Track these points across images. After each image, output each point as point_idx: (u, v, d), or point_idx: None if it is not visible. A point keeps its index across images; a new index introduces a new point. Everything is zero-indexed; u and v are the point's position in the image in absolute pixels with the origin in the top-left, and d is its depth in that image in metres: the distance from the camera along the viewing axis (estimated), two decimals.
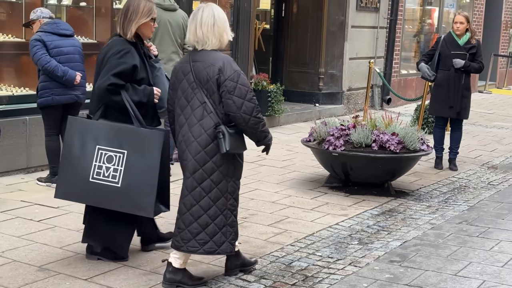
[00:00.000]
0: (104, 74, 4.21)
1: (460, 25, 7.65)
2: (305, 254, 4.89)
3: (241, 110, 3.97)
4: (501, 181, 7.47)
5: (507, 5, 17.32)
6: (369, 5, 11.71)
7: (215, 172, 4.03)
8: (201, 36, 4.03)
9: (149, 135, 4.21)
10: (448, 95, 7.66)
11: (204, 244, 4.06)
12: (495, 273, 4.64)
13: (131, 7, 4.32)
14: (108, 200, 4.24)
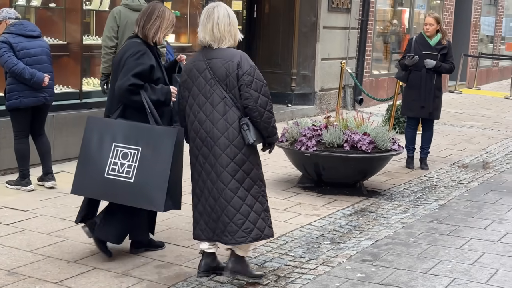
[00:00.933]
0: (124, 75, 4.36)
1: (430, 26, 7.72)
2: (277, 255, 4.90)
3: (258, 103, 4.13)
4: (471, 179, 7.55)
5: (476, 6, 17.53)
6: (340, 6, 11.77)
7: (246, 163, 4.18)
8: (218, 35, 4.16)
9: (162, 132, 4.33)
10: (420, 95, 7.72)
11: (251, 232, 4.19)
12: (465, 270, 4.69)
13: (156, 12, 4.51)
14: (121, 195, 4.35)
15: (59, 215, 5.55)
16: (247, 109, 4.15)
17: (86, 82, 7.96)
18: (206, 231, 4.27)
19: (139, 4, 6.83)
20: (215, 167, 4.17)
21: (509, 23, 20.68)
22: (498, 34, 19.61)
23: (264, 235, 4.25)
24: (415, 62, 7.62)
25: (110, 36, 6.71)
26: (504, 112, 13.44)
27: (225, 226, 4.17)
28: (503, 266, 4.79)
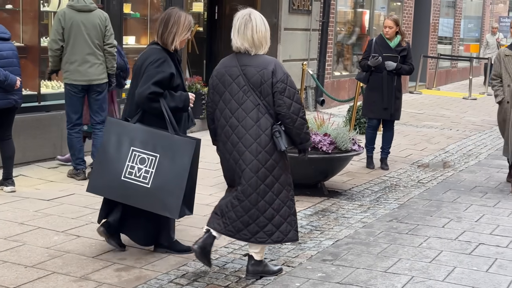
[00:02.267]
0: (144, 83, 4.46)
1: (389, 29, 7.81)
2: (239, 256, 4.90)
3: (290, 110, 4.26)
4: (430, 179, 7.66)
5: (435, 8, 17.79)
6: (301, 8, 11.83)
7: (276, 168, 4.32)
8: (258, 42, 4.27)
9: (182, 142, 4.46)
10: (382, 97, 7.80)
11: (272, 235, 4.35)
12: (423, 268, 4.75)
13: (172, 19, 4.58)
14: (136, 199, 4.47)
15: (17, 219, 5.47)
16: (280, 115, 4.28)
17: (44, 84, 7.86)
18: (228, 227, 4.37)
19: (84, 4, 6.76)
20: (245, 172, 4.28)
21: (467, 24, 21.04)
22: (457, 36, 19.93)
23: (287, 238, 4.41)
24: (378, 63, 7.69)
25: (55, 39, 6.68)
26: (462, 112, 13.66)
27: (246, 226, 4.33)
28: (460, 263, 4.87)
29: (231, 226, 4.37)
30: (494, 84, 7.19)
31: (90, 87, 6.83)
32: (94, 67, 6.79)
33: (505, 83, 7.05)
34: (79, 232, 5.21)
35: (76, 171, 6.86)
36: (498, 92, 7.10)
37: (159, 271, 4.51)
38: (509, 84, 7.00)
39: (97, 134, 6.96)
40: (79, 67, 6.73)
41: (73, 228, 5.31)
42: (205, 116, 9.76)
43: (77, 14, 6.71)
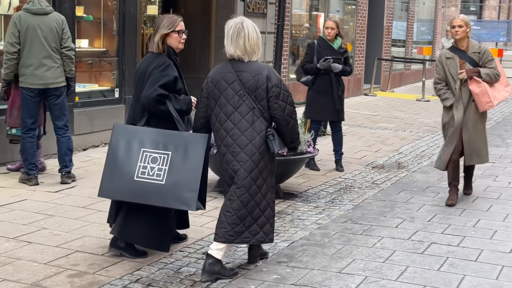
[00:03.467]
0: (151, 86, 4.61)
1: (331, 30, 7.88)
2: (194, 259, 4.89)
3: (285, 113, 4.48)
4: (384, 180, 7.76)
5: (388, 11, 18.03)
6: (256, 11, 11.86)
7: (265, 170, 4.51)
8: (250, 50, 4.47)
9: (194, 137, 4.62)
10: (333, 99, 7.86)
11: (256, 234, 4.52)
12: (377, 268, 4.81)
13: (157, 23, 4.82)
14: (152, 197, 4.55)
15: None
16: (275, 119, 4.49)
17: None
18: (229, 233, 4.47)
19: (40, 7, 6.67)
20: (239, 172, 4.44)
21: (420, 27, 21.37)
22: (410, 38, 20.22)
23: (268, 239, 4.60)
24: (328, 66, 7.74)
25: (12, 42, 6.58)
26: (416, 114, 13.87)
27: (233, 227, 4.45)
28: (412, 263, 4.94)
29: (232, 231, 4.48)
30: (439, 88, 6.66)
31: (47, 91, 6.74)
32: (51, 71, 6.70)
33: (452, 86, 6.58)
34: (30, 239, 5.13)
35: (28, 176, 6.75)
36: (447, 95, 6.61)
37: (113, 276, 4.47)
38: (455, 87, 6.57)
39: (60, 140, 6.87)
40: (35, 71, 6.64)
41: (24, 234, 5.22)
42: None
43: (33, 17, 6.62)
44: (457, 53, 6.58)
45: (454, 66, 6.55)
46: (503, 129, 12.11)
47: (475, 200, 6.84)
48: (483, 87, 6.47)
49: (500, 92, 6.63)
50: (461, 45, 6.57)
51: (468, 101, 6.53)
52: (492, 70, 6.53)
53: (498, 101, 6.57)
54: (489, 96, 6.49)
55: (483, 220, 6.12)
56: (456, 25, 6.51)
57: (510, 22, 30.02)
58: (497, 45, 28.70)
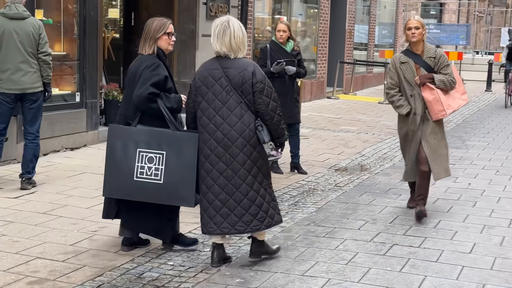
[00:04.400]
0: (142, 85, 4.76)
1: (283, 33, 7.91)
2: (156, 264, 4.86)
3: (269, 108, 4.68)
4: (347, 182, 7.81)
5: (350, 15, 18.18)
6: (218, 15, 11.83)
7: (259, 159, 4.73)
8: (235, 47, 4.68)
9: (185, 137, 4.78)
10: (291, 102, 7.88)
11: (264, 220, 4.76)
12: (340, 270, 4.83)
13: (146, 27, 4.96)
14: (152, 195, 4.78)
15: None
16: (259, 113, 4.69)
17: None
18: (222, 225, 4.68)
19: (16, 12, 6.60)
20: (232, 165, 4.66)
21: (382, 31, 21.60)
22: (372, 42, 20.43)
23: (274, 222, 4.85)
24: (281, 69, 7.73)
25: None
26: (378, 116, 14.00)
27: (240, 217, 4.68)
28: (375, 264, 4.98)
29: (225, 222, 4.69)
30: (393, 95, 6.21)
31: (24, 96, 6.67)
32: (27, 76, 6.62)
33: (407, 93, 6.17)
34: None
35: None
36: (402, 102, 6.18)
37: (74, 283, 4.41)
38: (412, 94, 6.15)
39: (28, 146, 6.78)
40: (12, 76, 6.57)
41: None
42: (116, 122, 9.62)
43: (9, 21, 6.54)
44: (412, 57, 6.17)
45: (410, 71, 6.16)
46: (463, 131, 12.30)
47: (436, 201, 6.93)
48: (436, 95, 6.07)
49: (455, 100, 6.23)
50: (416, 49, 6.18)
51: (424, 109, 6.18)
52: (447, 76, 6.13)
53: (452, 110, 6.19)
54: (443, 104, 6.09)
55: (443, 221, 6.20)
56: (412, 27, 6.11)
57: (469, 25, 30.55)
58: (456, 48, 29.20)
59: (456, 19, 33.42)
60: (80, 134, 9.02)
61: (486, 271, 4.89)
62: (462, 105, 6.34)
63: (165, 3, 11.31)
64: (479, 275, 4.81)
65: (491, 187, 7.67)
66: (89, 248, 5.10)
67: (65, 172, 7.56)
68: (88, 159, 8.33)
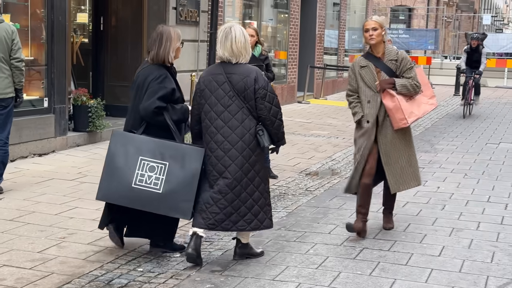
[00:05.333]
0: (149, 98, 4.84)
1: (250, 37, 7.89)
2: (126, 271, 4.81)
3: (270, 113, 4.85)
4: (318, 186, 7.83)
5: (320, 20, 18.27)
6: (188, 19, 11.83)
7: (257, 164, 4.89)
8: (237, 52, 4.83)
9: (191, 150, 4.89)
10: None
11: (251, 222, 4.91)
12: (310, 275, 4.84)
13: (165, 36, 4.98)
14: (150, 204, 4.82)
15: None
16: (261, 118, 4.85)
17: None
18: (210, 221, 4.81)
19: None
20: (231, 167, 4.80)
21: (351, 36, 21.74)
22: (342, 47, 20.55)
23: (263, 226, 4.97)
24: None
25: None
26: (348, 121, 14.05)
27: (228, 216, 4.82)
28: (345, 268, 5.00)
29: (213, 219, 4.81)
30: (350, 101, 5.81)
31: None
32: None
33: (364, 99, 5.72)
34: None
35: None
36: (356, 109, 5.77)
37: None
38: (369, 99, 5.70)
39: None
40: None
41: None
42: (91, 129, 9.56)
43: None
44: (372, 60, 5.73)
45: (370, 76, 5.71)
46: (432, 134, 12.42)
47: (405, 205, 6.98)
48: (396, 102, 5.60)
49: (421, 106, 5.74)
50: (377, 51, 5.73)
51: (384, 116, 5.70)
52: (410, 80, 5.65)
53: (415, 118, 5.69)
54: (404, 112, 5.61)
55: (413, 224, 6.24)
56: (369, 28, 5.68)
57: (438, 30, 30.92)
58: (425, 53, 29.52)
59: (424, 24, 33.79)
60: (48, 140, 8.92)
61: (455, 274, 4.93)
62: (430, 110, 5.93)
63: (135, 8, 11.25)
64: (448, 278, 4.85)
65: (459, 190, 7.75)
66: (57, 255, 5.04)
67: (33, 178, 7.47)
68: (57, 165, 8.24)
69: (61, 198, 6.60)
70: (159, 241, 5.22)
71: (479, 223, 6.32)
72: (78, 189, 7.10)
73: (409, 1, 33.98)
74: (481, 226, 6.23)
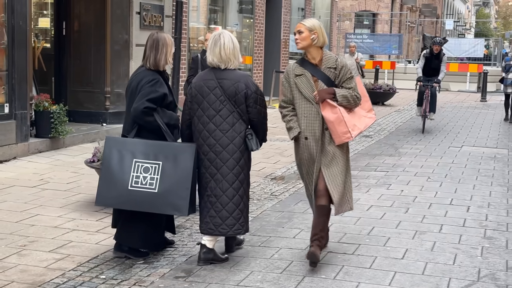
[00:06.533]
0: (140, 99, 4.97)
1: None
2: (88, 278, 4.75)
3: (261, 115, 5.07)
4: (283, 191, 7.83)
5: (285, 25, 18.33)
6: (152, 24, 11.75)
7: (245, 166, 5.09)
8: (225, 58, 5.00)
9: (182, 147, 5.00)
10: None
11: (244, 225, 5.11)
12: (274, 279, 4.83)
13: (161, 42, 5.13)
14: (146, 204, 4.91)
15: None
16: (253, 122, 5.05)
17: None
18: (221, 227, 5.00)
19: None
20: (222, 169, 4.97)
21: None
22: None
23: (243, 230, 5.12)
24: None
25: None
26: None
27: (223, 220, 4.99)
28: (309, 272, 5.00)
29: (211, 224, 4.99)
30: (285, 114, 5.17)
31: None
32: None
33: (301, 112, 5.08)
34: None
35: None
36: (291, 124, 5.13)
37: None
38: (307, 112, 5.06)
39: None
40: None
41: None
42: (53, 135, 9.43)
43: None
44: (309, 68, 5.08)
45: (307, 85, 5.06)
46: (396, 138, 12.53)
47: (370, 208, 7.02)
48: (339, 113, 4.97)
49: (361, 119, 5.14)
50: (313, 57, 5.09)
51: (323, 130, 5.08)
52: (350, 91, 5.05)
53: (358, 131, 5.09)
54: (347, 124, 4.99)
55: (377, 227, 6.28)
56: (295, 31, 5.15)
57: (401, 35, 31.23)
58: (389, 57, 29.80)
59: (388, 29, 34.11)
60: (10, 146, 8.77)
61: (418, 276, 4.97)
62: (370, 124, 5.26)
63: (98, 12, 11.15)
64: (411, 280, 4.89)
65: (422, 193, 7.83)
66: (17, 263, 4.95)
67: None
68: (18, 172, 8.11)
69: (22, 206, 6.50)
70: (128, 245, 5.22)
71: (442, 226, 6.39)
72: (40, 196, 7.00)
73: (373, 6, 34.30)
74: (443, 229, 6.29)
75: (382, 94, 19.07)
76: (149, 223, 5.15)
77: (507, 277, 5.03)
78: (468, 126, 14.70)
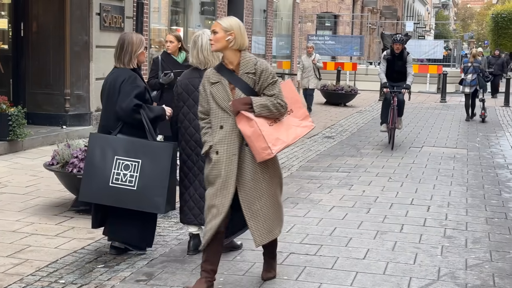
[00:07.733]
0: (126, 98, 5.04)
1: (170, 44, 7.85)
2: (46, 283, 4.67)
3: None
4: None
5: (247, 26, 18.31)
6: (113, 25, 11.63)
7: None
8: (203, 59, 5.18)
9: (161, 146, 5.10)
10: None
11: None
12: (236, 281, 4.81)
13: (126, 41, 5.19)
14: (125, 201, 5.03)
15: None
16: None
17: None
18: (199, 217, 5.16)
19: None
20: None
21: (279, 42, 21.91)
22: (269, 53, 20.66)
23: None
24: (171, 80, 7.58)
25: None
26: None
27: (201, 212, 5.05)
28: None
29: (202, 215, 5.04)
30: (202, 126, 4.58)
31: None
32: None
33: (216, 123, 4.44)
34: None
35: None
36: (205, 137, 4.53)
37: None
38: (223, 124, 4.42)
39: None
40: None
41: None
42: (11, 138, 9.26)
43: None
44: (225, 74, 4.45)
45: (222, 94, 4.44)
46: (358, 139, 12.63)
47: (332, 209, 7.05)
48: (255, 127, 4.31)
49: (290, 130, 4.46)
50: (229, 62, 4.47)
51: (241, 145, 4.42)
52: (272, 99, 4.38)
53: (283, 145, 4.38)
54: (266, 139, 4.30)
55: (339, 228, 6.31)
56: (211, 31, 4.55)
57: (363, 37, 31.52)
58: (351, 59, 30.04)
59: (350, 31, 34.38)
60: None
61: (379, 276, 5.00)
62: (304, 134, 4.60)
63: (57, 13, 10.99)
64: (372, 280, 4.92)
65: (384, 193, 7.89)
66: None
67: None
68: None
69: None
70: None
71: (403, 226, 6.45)
72: None
73: (334, 8, 34.53)
74: (404, 229, 6.35)
75: (343, 95, 19.22)
76: (138, 220, 5.21)
77: (466, 275, 5.10)
78: (428, 127, 14.89)
